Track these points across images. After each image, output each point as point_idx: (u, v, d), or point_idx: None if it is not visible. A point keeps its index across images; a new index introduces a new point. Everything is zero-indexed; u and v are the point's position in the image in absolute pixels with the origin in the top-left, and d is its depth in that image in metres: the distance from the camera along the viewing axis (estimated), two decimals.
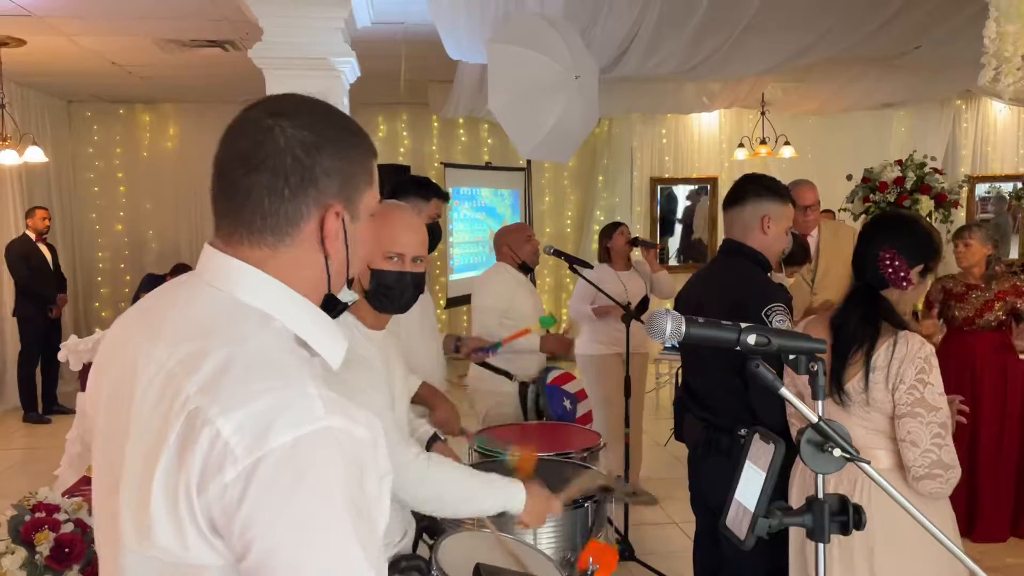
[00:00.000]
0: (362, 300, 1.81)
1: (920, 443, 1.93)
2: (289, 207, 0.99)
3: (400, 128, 9.21)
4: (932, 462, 1.93)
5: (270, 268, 1.00)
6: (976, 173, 9.11)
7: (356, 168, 1.04)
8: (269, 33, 4.25)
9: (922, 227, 2.19)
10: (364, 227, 1.08)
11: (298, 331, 0.99)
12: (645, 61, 4.76)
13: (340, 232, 1.02)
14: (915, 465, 1.94)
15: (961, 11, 4.18)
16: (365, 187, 1.06)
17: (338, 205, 1.01)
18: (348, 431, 0.91)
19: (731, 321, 1.13)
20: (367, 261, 1.79)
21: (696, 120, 9.18)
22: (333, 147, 1.01)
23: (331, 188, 1.01)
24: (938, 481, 1.93)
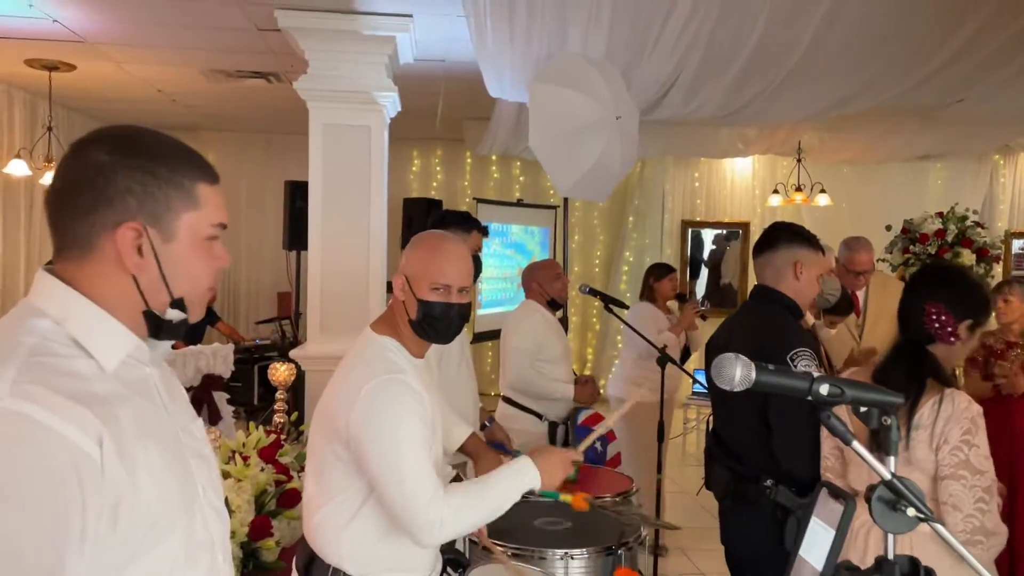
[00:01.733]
0: (407, 329, 1.81)
1: (963, 507, 1.85)
2: (84, 224, 1.07)
3: (434, 163, 9.29)
4: (974, 528, 1.84)
5: (76, 280, 1.08)
6: (1014, 229, 8.99)
7: (165, 189, 1.09)
8: (315, 66, 4.33)
9: (971, 280, 2.14)
10: (192, 249, 1.12)
11: (74, 332, 1.04)
12: (685, 105, 4.76)
13: (136, 250, 1.07)
14: (956, 530, 1.85)
15: (1005, 66, 4.15)
16: (183, 209, 1.11)
17: (136, 224, 1.07)
18: (39, 421, 0.93)
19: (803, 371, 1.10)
20: (416, 292, 1.81)
21: (730, 165, 9.16)
22: (131, 169, 1.07)
23: (127, 207, 1.07)
24: (980, 548, 1.84)
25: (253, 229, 8.64)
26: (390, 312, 1.87)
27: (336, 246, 4.34)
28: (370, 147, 4.37)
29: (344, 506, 1.73)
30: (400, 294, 1.82)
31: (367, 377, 1.69)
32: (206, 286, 1.17)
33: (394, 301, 1.85)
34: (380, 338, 1.81)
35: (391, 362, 1.75)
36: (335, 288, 4.30)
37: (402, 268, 1.84)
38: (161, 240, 1.10)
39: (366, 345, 1.81)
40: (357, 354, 1.81)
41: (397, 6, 4.22)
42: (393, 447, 1.66)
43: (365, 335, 1.85)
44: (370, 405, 1.66)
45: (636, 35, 4.01)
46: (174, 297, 1.13)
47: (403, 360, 1.78)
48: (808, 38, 3.91)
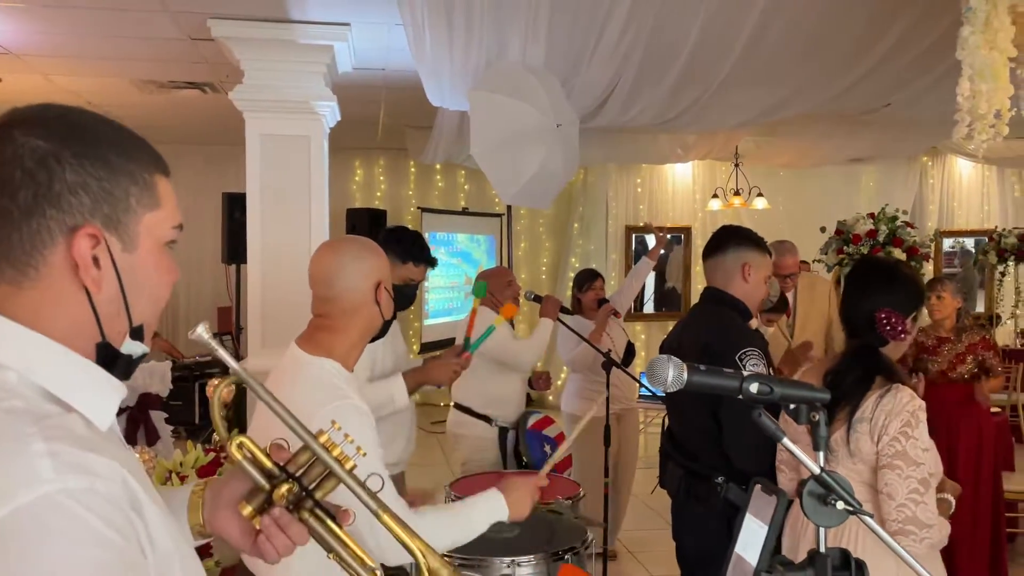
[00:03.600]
0: (352, 341, 1.78)
1: (896, 496, 1.89)
2: (23, 231, 0.82)
3: (377, 172, 9.23)
4: (906, 517, 1.88)
5: (14, 307, 0.83)
6: (943, 228, 9.32)
7: (124, 184, 0.87)
8: (250, 76, 4.26)
9: (909, 275, 2.20)
10: (154, 259, 0.91)
11: (46, 383, 0.82)
12: (624, 112, 4.81)
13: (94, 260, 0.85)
14: (889, 519, 1.89)
15: (931, 71, 4.29)
16: (144, 209, 0.89)
17: (91, 228, 0.84)
18: (90, 489, 0.74)
19: (719, 367, 1.12)
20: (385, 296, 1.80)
21: (671, 170, 9.31)
22: (80, 158, 0.85)
23: (80, 208, 0.84)
24: (911, 538, 1.87)
25: (191, 243, 8.45)
26: (323, 331, 1.77)
27: (276, 259, 4.27)
28: (309, 157, 4.32)
29: None
30: (380, 299, 1.78)
31: (314, 406, 1.63)
32: (162, 306, 0.95)
33: (354, 315, 1.77)
34: (315, 360, 1.73)
35: (336, 387, 1.69)
36: (276, 302, 4.23)
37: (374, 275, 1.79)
38: (121, 248, 0.87)
39: (303, 369, 1.72)
40: (295, 379, 1.72)
41: (334, 15, 4.18)
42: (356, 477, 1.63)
43: (297, 357, 1.75)
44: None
45: (574, 44, 4.04)
46: (134, 323, 0.90)
47: (343, 382, 1.72)
48: (740, 46, 4.00)
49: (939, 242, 9.19)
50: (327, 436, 1.02)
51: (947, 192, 9.45)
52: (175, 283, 0.98)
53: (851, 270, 2.27)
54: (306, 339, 1.79)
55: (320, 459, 1.01)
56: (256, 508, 1.01)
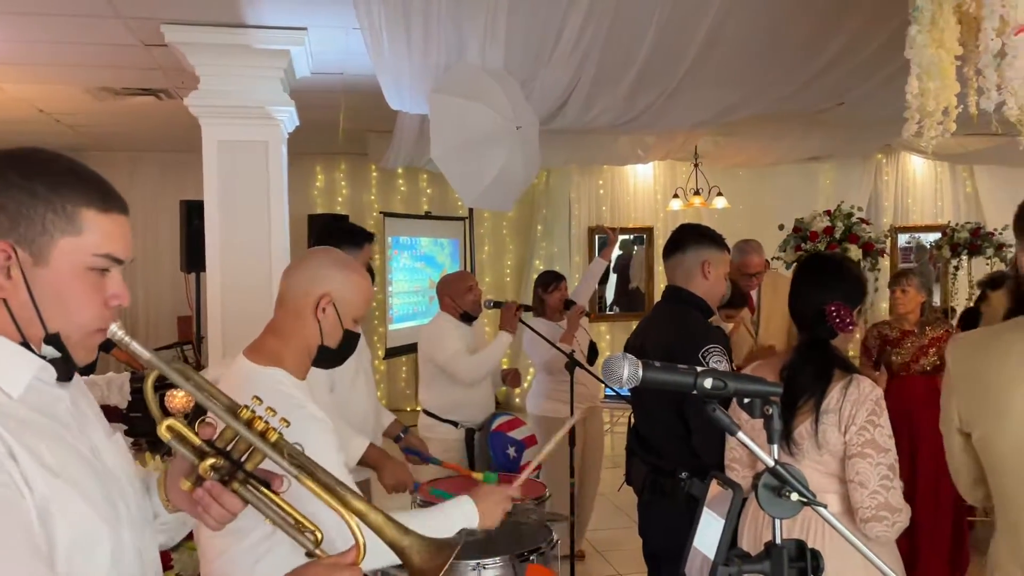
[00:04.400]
0: (299, 352, 1.74)
1: (868, 484, 1.95)
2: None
3: (338, 178, 9.17)
4: (879, 504, 1.94)
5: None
6: (898, 224, 9.51)
7: (41, 211, 1.05)
8: (206, 82, 4.21)
9: (854, 269, 2.27)
10: (70, 278, 1.07)
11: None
12: (583, 114, 4.84)
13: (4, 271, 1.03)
14: (863, 507, 1.95)
15: (881, 70, 4.38)
16: (60, 234, 1.06)
17: (4, 244, 1.03)
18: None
19: (675, 364, 1.13)
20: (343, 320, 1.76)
21: (632, 171, 9.38)
22: (7, 185, 1.04)
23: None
24: (884, 524, 1.94)
25: (149, 252, 8.31)
26: (273, 335, 1.74)
27: (236, 266, 4.21)
28: (268, 163, 4.28)
29: (251, 549, 1.65)
30: (320, 315, 1.71)
31: None
32: (90, 325, 1.09)
33: (294, 322, 1.73)
34: (265, 370, 1.68)
35: (289, 396, 1.65)
36: (237, 310, 4.18)
37: (323, 284, 1.72)
38: (32, 263, 1.04)
39: (252, 381, 1.67)
40: (244, 392, 1.70)
41: (290, 19, 4.15)
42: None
43: (244, 368, 1.71)
44: None
45: (532, 46, 4.06)
46: (48, 331, 1.06)
47: (295, 391, 1.69)
48: (696, 47, 4.05)
49: (894, 238, 9.38)
50: (248, 410, 1.13)
51: (901, 189, 9.65)
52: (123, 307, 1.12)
53: (799, 266, 2.32)
54: (255, 349, 1.75)
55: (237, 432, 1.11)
56: (192, 482, 1.12)
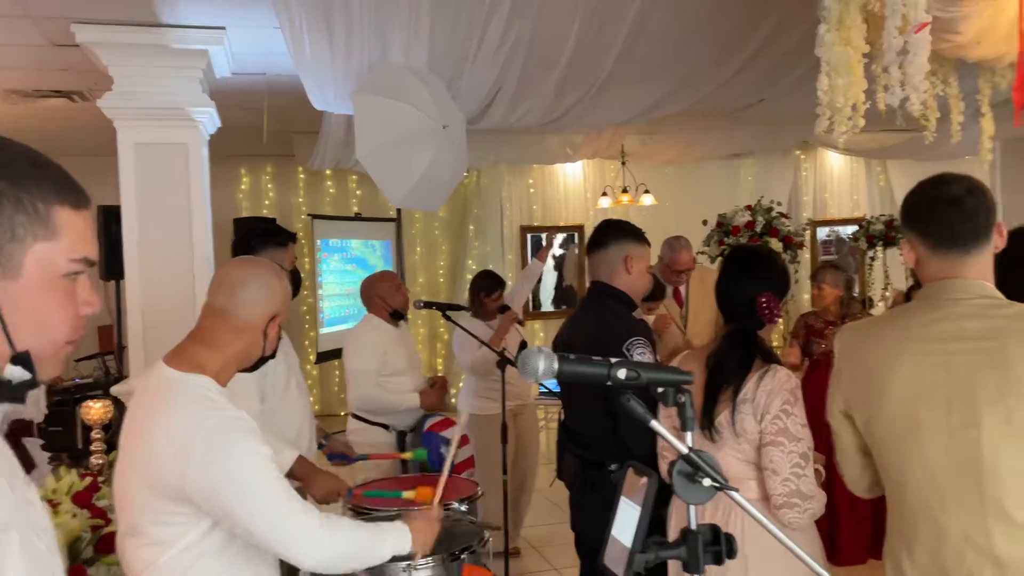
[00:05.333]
0: (226, 361, 1.73)
1: (781, 471, 2.00)
2: None
3: (264, 180, 9.00)
4: (791, 491, 1.99)
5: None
6: (817, 217, 9.83)
7: (8, 212, 0.90)
8: (120, 83, 4.08)
9: (779, 261, 2.33)
10: (44, 288, 0.93)
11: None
12: (510, 113, 4.86)
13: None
14: (775, 493, 2.00)
15: (797, 67, 4.52)
16: (32, 239, 0.92)
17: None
18: None
19: (601, 357, 1.15)
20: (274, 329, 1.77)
21: (561, 170, 9.46)
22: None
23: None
24: (796, 511, 1.99)
25: None
26: (201, 344, 1.72)
27: (157, 273, 4.10)
28: (188, 166, 4.17)
29: (181, 556, 1.63)
30: (270, 331, 1.77)
31: (194, 426, 1.58)
32: (63, 337, 0.95)
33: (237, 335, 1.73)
34: (187, 377, 1.67)
35: (212, 401, 1.64)
36: (159, 318, 4.06)
37: (275, 305, 1.78)
38: (0, 275, 0.90)
39: (175, 388, 1.66)
40: (167, 400, 1.65)
41: (208, 19, 4.05)
42: (253, 486, 1.59)
43: (165, 375, 1.68)
44: (211, 453, 1.57)
45: (456, 45, 4.05)
46: (16, 349, 0.91)
47: (220, 396, 1.68)
48: (619, 45, 4.10)
49: (814, 231, 9.69)
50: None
51: (819, 184, 9.97)
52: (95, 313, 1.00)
53: (727, 258, 2.37)
54: (176, 356, 1.73)
55: None
56: None
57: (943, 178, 1.66)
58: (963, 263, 1.60)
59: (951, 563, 1.53)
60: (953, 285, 1.61)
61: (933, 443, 1.55)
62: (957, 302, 1.59)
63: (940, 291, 1.62)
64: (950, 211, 1.60)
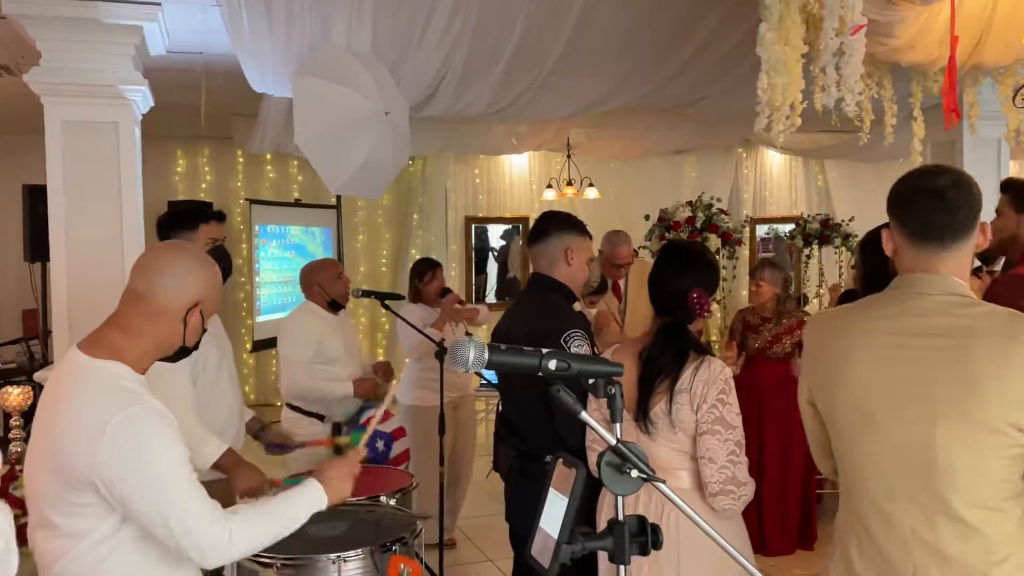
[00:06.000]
0: (144, 349, 1.67)
1: (717, 459, 2.04)
2: None
3: (202, 163, 8.77)
4: (727, 478, 2.03)
5: None
6: (756, 215, 10.02)
7: None
8: (48, 57, 3.91)
9: (710, 257, 2.37)
10: None
11: None
12: (455, 101, 4.82)
13: None
14: (711, 481, 2.04)
15: (738, 66, 4.58)
16: None
17: None
18: None
19: (533, 348, 1.14)
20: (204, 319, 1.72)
21: (508, 161, 9.44)
22: None
23: None
24: (731, 497, 2.04)
25: None
26: (117, 330, 1.66)
27: (84, 256, 3.94)
28: (118, 145, 4.01)
29: (93, 549, 1.57)
30: (189, 319, 1.69)
31: (108, 412, 1.53)
32: None
33: (155, 322, 1.67)
34: (102, 364, 1.61)
35: (126, 391, 1.59)
36: (85, 302, 3.90)
37: (196, 293, 1.70)
38: None
39: (88, 374, 1.60)
40: (79, 386, 1.59)
41: None
42: (159, 481, 1.54)
43: (78, 362, 1.62)
44: (121, 442, 1.51)
45: (401, 30, 4.00)
46: None
47: (136, 385, 1.62)
48: (565, 38, 4.10)
49: (753, 228, 9.87)
50: None
51: (759, 182, 10.17)
52: None
53: (661, 252, 2.39)
54: (91, 341, 1.66)
55: None
56: None
57: (931, 169, 1.63)
58: (939, 257, 1.56)
59: (898, 555, 1.52)
60: (923, 280, 1.57)
61: (885, 435, 1.54)
62: (924, 296, 1.56)
63: (909, 284, 1.59)
64: (931, 202, 1.56)
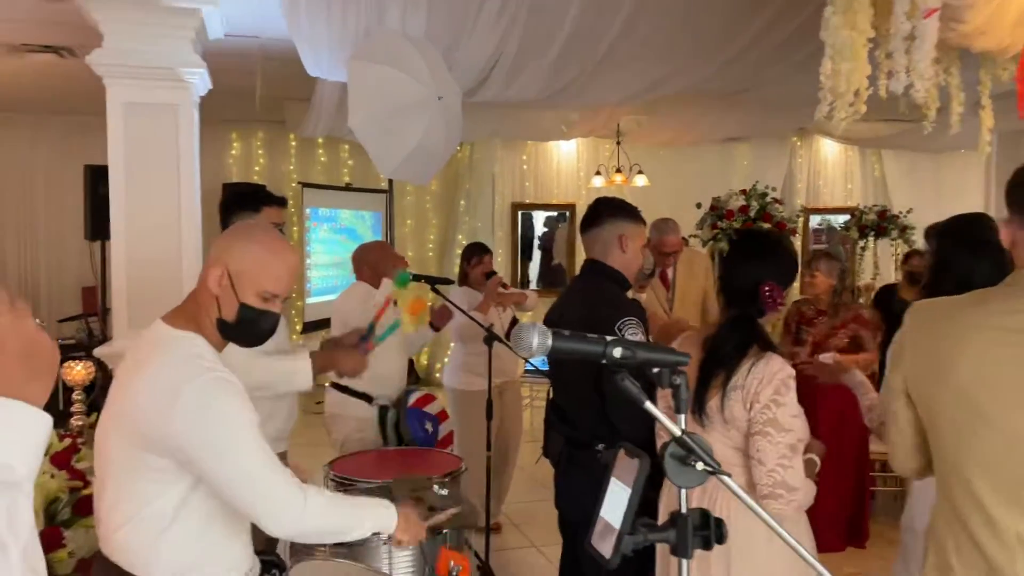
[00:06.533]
0: (211, 323, 1.70)
1: (767, 462, 1.97)
2: None
3: (255, 146, 8.89)
4: (776, 482, 1.96)
5: None
6: (810, 205, 9.82)
7: None
8: (110, 40, 3.99)
9: (789, 248, 2.28)
10: None
11: None
12: (507, 86, 4.80)
13: None
14: (760, 483, 1.98)
15: (797, 52, 4.47)
16: None
17: None
18: None
19: (597, 335, 1.12)
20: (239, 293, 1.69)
21: (555, 148, 9.40)
22: None
23: None
24: (780, 502, 1.96)
25: (52, 218, 7.93)
26: (191, 304, 1.73)
27: (143, 235, 4.03)
28: (177, 127, 4.09)
29: (158, 515, 1.61)
30: (216, 288, 1.67)
31: (182, 380, 1.57)
32: None
33: (201, 293, 1.71)
34: (180, 334, 1.67)
35: (201, 358, 1.63)
36: (144, 280, 4.00)
37: (223, 259, 1.69)
38: None
39: (166, 343, 1.66)
40: (157, 354, 1.64)
41: None
42: (234, 447, 1.58)
43: (160, 332, 1.69)
44: (195, 409, 1.55)
45: (455, 14, 3.98)
46: None
47: (211, 356, 1.67)
48: (620, 22, 4.04)
49: (806, 218, 9.68)
50: None
51: (814, 171, 9.96)
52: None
53: (736, 241, 2.31)
54: (173, 314, 1.72)
55: None
56: None
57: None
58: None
59: (1003, 561, 1.42)
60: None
61: (996, 434, 1.44)
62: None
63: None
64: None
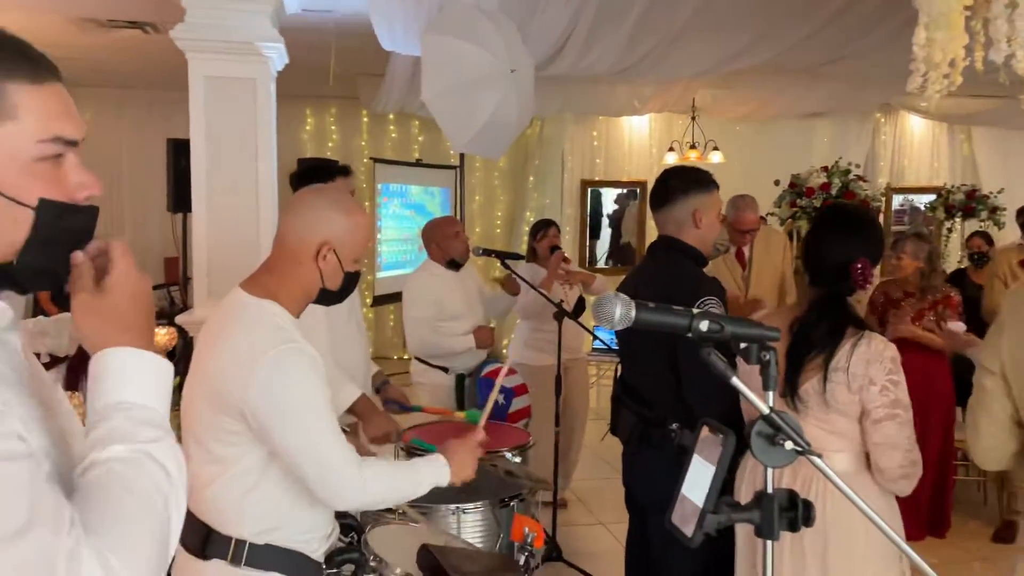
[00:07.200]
0: (295, 291, 1.71)
1: (900, 444, 1.92)
2: None
3: (329, 122, 9.01)
4: (912, 461, 1.92)
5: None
6: (894, 184, 9.44)
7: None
8: (192, 14, 4.06)
9: (873, 221, 2.19)
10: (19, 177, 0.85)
11: None
12: (580, 59, 4.74)
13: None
14: (894, 465, 1.92)
15: (886, 23, 4.29)
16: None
17: None
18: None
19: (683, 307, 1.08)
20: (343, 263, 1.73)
21: (627, 123, 9.24)
22: None
23: None
24: (912, 480, 1.94)
25: (136, 190, 8.20)
26: (269, 273, 1.73)
27: (222, 207, 4.13)
28: (256, 101, 4.15)
29: (243, 476, 1.65)
30: (321, 262, 1.69)
31: (262, 347, 1.59)
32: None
33: (290, 264, 1.71)
34: (260, 302, 1.68)
35: (282, 329, 1.65)
36: (223, 251, 4.10)
37: (323, 232, 1.70)
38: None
39: (247, 311, 1.68)
40: (238, 321, 1.67)
41: None
42: (304, 419, 1.60)
43: (240, 299, 1.70)
44: (272, 377, 1.57)
45: None
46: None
47: (290, 325, 1.68)
48: None
49: (890, 197, 9.32)
50: None
51: (898, 149, 9.55)
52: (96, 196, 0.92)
53: (825, 216, 2.22)
54: (252, 281, 1.74)
55: None
56: None
57: None
58: None
59: None
60: None
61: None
62: None
63: None
64: None
